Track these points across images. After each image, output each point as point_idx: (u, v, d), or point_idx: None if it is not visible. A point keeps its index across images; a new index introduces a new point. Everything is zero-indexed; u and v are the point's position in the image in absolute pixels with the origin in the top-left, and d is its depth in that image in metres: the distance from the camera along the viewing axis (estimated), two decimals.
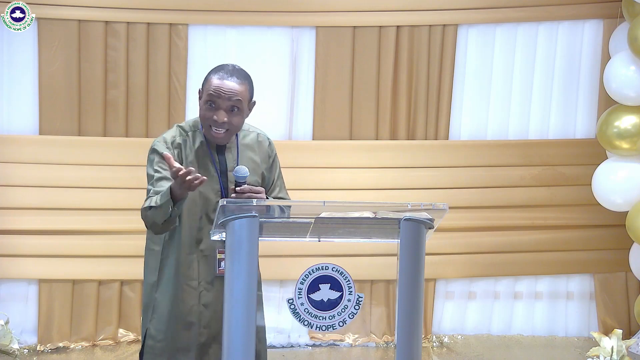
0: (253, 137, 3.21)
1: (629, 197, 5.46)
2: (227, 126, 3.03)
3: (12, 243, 5.40)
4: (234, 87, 3.01)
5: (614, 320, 5.84)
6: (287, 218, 2.76)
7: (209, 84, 3.03)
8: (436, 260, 5.63)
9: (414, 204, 2.68)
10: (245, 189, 2.98)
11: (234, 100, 3.01)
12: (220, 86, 3.00)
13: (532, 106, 5.86)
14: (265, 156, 3.21)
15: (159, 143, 3.11)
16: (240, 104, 3.02)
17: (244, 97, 3.03)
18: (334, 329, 2.66)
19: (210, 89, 3.02)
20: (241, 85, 3.02)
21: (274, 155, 3.24)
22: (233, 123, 3.03)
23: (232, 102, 3.01)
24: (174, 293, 3.12)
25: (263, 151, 3.21)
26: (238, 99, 3.01)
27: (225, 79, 3.01)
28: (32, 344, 5.44)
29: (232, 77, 3.02)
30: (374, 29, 5.68)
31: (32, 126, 5.50)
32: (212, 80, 3.03)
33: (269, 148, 3.23)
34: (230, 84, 3.01)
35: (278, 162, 3.27)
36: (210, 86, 3.02)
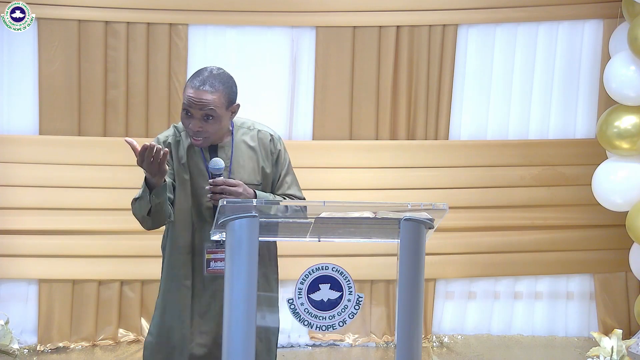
0: (253, 135, 3.20)
1: (629, 197, 5.46)
2: (203, 134, 3.03)
3: (12, 243, 5.40)
4: (205, 96, 3.00)
5: (614, 320, 5.84)
6: (287, 218, 2.76)
7: (185, 93, 3.04)
8: (436, 260, 5.63)
9: (414, 204, 2.68)
10: (219, 181, 2.98)
11: (206, 109, 3.00)
12: (192, 96, 3.01)
13: (532, 106, 5.86)
14: (267, 152, 3.19)
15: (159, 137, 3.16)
16: (214, 112, 3.01)
17: (218, 104, 3.01)
18: (334, 329, 2.65)
19: (184, 98, 3.04)
20: (213, 94, 3.01)
21: (279, 152, 3.21)
22: (209, 130, 3.03)
23: (205, 112, 3.01)
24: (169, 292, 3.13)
25: (264, 148, 3.19)
26: (210, 108, 3.00)
27: (197, 88, 3.01)
28: (32, 344, 5.44)
29: (205, 85, 3.01)
30: (374, 29, 5.68)
31: (32, 126, 5.50)
32: (187, 89, 3.04)
33: (272, 144, 3.21)
34: (202, 93, 3.00)
35: (286, 159, 3.24)
36: (185, 95, 3.04)
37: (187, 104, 3.01)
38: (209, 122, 3.02)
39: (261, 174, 3.16)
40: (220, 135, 3.11)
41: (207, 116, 3.01)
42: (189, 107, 3.01)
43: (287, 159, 3.25)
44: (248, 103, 5.66)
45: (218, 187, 2.97)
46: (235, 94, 3.11)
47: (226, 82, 3.07)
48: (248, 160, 3.15)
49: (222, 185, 2.97)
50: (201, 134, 3.02)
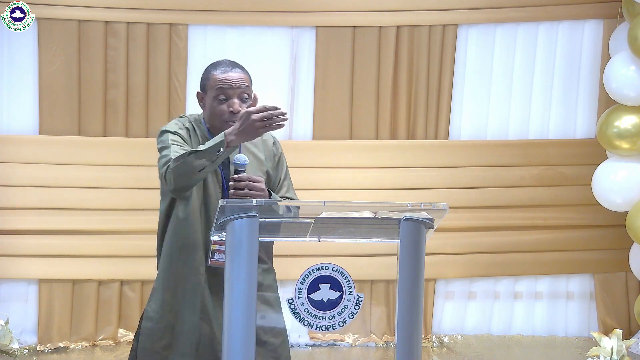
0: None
1: (629, 197, 5.46)
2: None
3: (12, 243, 5.41)
4: (240, 75, 3.04)
5: (614, 320, 5.84)
6: (287, 218, 2.76)
7: (214, 80, 3.04)
8: (436, 260, 5.63)
9: (414, 204, 2.68)
10: (244, 177, 2.97)
11: (244, 87, 3.04)
12: (228, 78, 3.03)
13: (532, 106, 5.87)
14: (270, 154, 3.20)
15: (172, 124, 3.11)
16: (249, 91, 3.06)
17: (250, 84, 3.07)
18: (334, 329, 2.65)
19: (217, 84, 3.03)
20: (245, 74, 3.07)
21: (280, 154, 3.22)
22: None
23: (243, 90, 3.04)
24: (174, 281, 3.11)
25: (268, 149, 3.20)
26: (247, 86, 3.05)
27: (229, 71, 3.04)
28: (32, 344, 5.44)
29: (235, 68, 3.06)
30: (374, 29, 5.68)
31: (32, 126, 5.50)
32: (215, 75, 3.05)
33: (274, 147, 3.22)
34: (235, 74, 3.04)
35: (285, 162, 3.25)
36: (217, 81, 3.03)
37: (224, 87, 3.02)
38: (245, 102, 3.04)
39: (265, 174, 3.16)
40: None
41: (243, 95, 3.04)
42: (228, 88, 3.02)
43: (286, 163, 3.26)
44: None
45: (242, 183, 2.96)
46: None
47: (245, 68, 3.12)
48: (255, 159, 3.14)
49: (247, 181, 2.96)
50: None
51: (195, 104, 5.78)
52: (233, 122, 2.96)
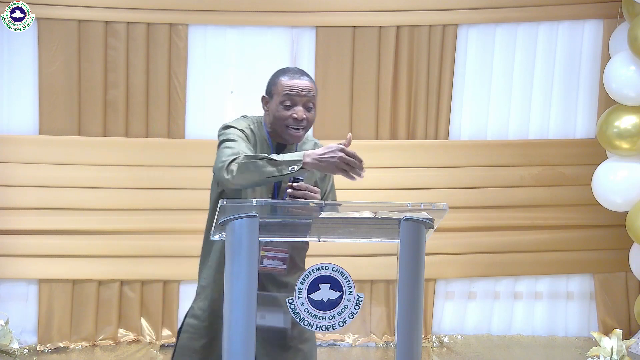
0: (310, 146, 3.20)
1: (629, 197, 5.46)
2: (304, 123, 3.04)
3: (12, 243, 5.41)
4: (307, 84, 3.05)
5: (614, 320, 5.84)
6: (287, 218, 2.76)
7: (281, 86, 3.04)
8: (436, 260, 5.63)
9: (414, 204, 2.68)
10: (302, 186, 2.96)
11: (310, 96, 3.05)
12: (296, 85, 3.04)
13: (532, 106, 5.87)
14: None
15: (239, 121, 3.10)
16: (314, 100, 3.07)
17: (316, 94, 3.09)
18: (334, 329, 2.65)
19: (284, 89, 3.04)
20: (312, 83, 3.08)
21: None
22: (309, 120, 3.06)
23: (308, 99, 3.05)
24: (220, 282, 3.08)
25: None
26: (313, 95, 3.06)
27: (296, 78, 3.05)
28: (32, 344, 5.44)
29: (303, 76, 3.07)
30: (374, 29, 5.68)
31: (32, 126, 5.51)
32: (283, 81, 3.05)
33: None
34: (303, 82, 3.05)
35: (332, 176, 3.24)
36: (284, 87, 3.04)
37: (291, 93, 3.02)
38: (309, 111, 3.06)
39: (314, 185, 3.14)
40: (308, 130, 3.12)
41: (309, 104, 3.05)
42: (295, 95, 3.02)
43: (332, 177, 3.25)
44: (248, 103, 5.70)
45: (299, 192, 2.95)
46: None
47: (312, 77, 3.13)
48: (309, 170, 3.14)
49: (305, 190, 2.96)
50: (302, 123, 3.03)
51: (194, 104, 5.83)
52: (295, 129, 3.02)
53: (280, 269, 2.89)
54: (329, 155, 2.79)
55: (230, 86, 5.69)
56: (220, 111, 5.68)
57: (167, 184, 5.54)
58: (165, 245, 5.53)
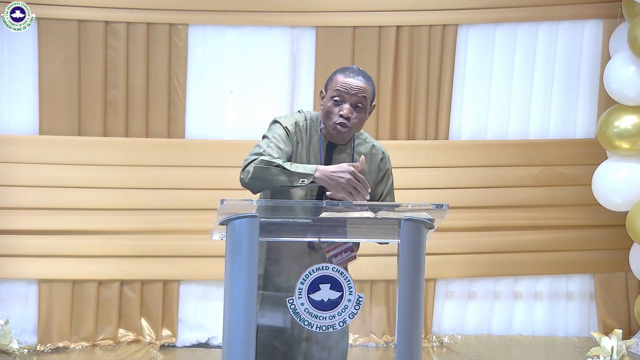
0: (367, 147, 3.21)
1: (629, 197, 5.46)
2: (351, 122, 3.07)
3: (12, 243, 5.41)
4: (360, 84, 3.08)
5: (614, 320, 5.84)
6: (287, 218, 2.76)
7: (335, 82, 3.10)
8: (436, 260, 5.63)
9: (414, 204, 2.68)
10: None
11: (359, 96, 3.07)
12: (348, 82, 3.08)
13: (532, 106, 5.87)
14: (375, 168, 3.20)
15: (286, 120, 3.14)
16: (365, 102, 3.09)
17: (369, 95, 3.10)
18: (334, 329, 2.65)
19: (336, 85, 3.09)
20: (366, 84, 3.10)
21: (386, 170, 3.23)
22: (356, 119, 3.08)
23: (358, 98, 3.07)
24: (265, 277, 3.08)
25: (374, 163, 3.20)
26: (363, 95, 3.08)
27: (351, 77, 3.09)
28: (32, 344, 5.44)
29: (359, 76, 3.10)
30: (374, 29, 5.68)
31: (32, 126, 5.50)
32: (338, 78, 3.11)
33: (382, 162, 3.22)
34: (357, 81, 3.08)
35: (391, 179, 3.25)
36: (337, 83, 3.09)
37: (342, 91, 3.07)
38: (357, 110, 3.08)
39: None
40: (354, 132, 3.14)
41: (358, 104, 3.08)
42: (345, 93, 3.07)
43: (391, 180, 3.27)
44: (248, 103, 5.71)
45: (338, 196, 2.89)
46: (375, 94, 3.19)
47: (372, 79, 3.17)
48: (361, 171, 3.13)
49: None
50: (350, 121, 3.06)
51: (194, 104, 5.83)
52: (340, 126, 3.05)
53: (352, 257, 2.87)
54: (338, 174, 2.85)
55: (230, 86, 5.68)
56: (220, 111, 5.68)
57: (167, 184, 5.54)
58: (165, 245, 5.53)
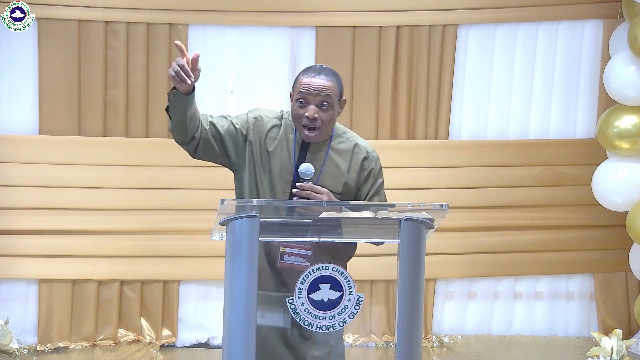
0: (349, 146, 3.18)
1: (629, 197, 5.46)
2: (319, 123, 3.06)
3: (12, 243, 5.41)
4: (322, 83, 3.07)
5: (614, 320, 5.84)
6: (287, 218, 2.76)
7: (299, 84, 3.10)
8: (436, 260, 5.63)
9: (414, 204, 2.68)
10: (306, 186, 2.97)
11: (323, 95, 3.06)
12: (310, 83, 3.07)
13: (532, 106, 5.87)
14: (357, 167, 3.16)
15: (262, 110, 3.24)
16: (330, 99, 3.07)
17: (333, 92, 3.08)
18: (334, 329, 2.65)
19: (300, 87, 3.09)
20: (329, 82, 3.08)
21: (371, 171, 3.18)
22: (324, 119, 3.07)
23: (322, 98, 3.06)
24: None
25: (355, 162, 3.17)
26: (327, 94, 3.06)
27: (313, 77, 3.08)
28: (32, 344, 5.44)
29: (320, 74, 3.09)
30: (374, 29, 5.68)
31: (32, 126, 5.50)
32: (300, 79, 3.10)
33: (366, 162, 3.18)
34: (319, 80, 3.07)
35: (378, 180, 3.21)
36: (300, 85, 3.09)
37: (304, 92, 3.06)
38: (324, 110, 3.07)
39: (343, 187, 3.13)
40: (327, 131, 3.12)
41: (323, 103, 3.06)
42: (307, 94, 3.06)
43: (380, 181, 3.22)
44: (248, 103, 5.70)
45: (304, 192, 2.96)
46: (343, 88, 3.18)
47: (337, 75, 3.15)
48: (335, 169, 3.12)
49: (309, 190, 2.96)
50: (316, 123, 3.05)
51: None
52: (308, 129, 3.05)
53: (302, 266, 2.88)
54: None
55: (230, 86, 5.68)
56: (220, 111, 5.65)
57: (167, 184, 5.54)
58: (165, 245, 5.53)
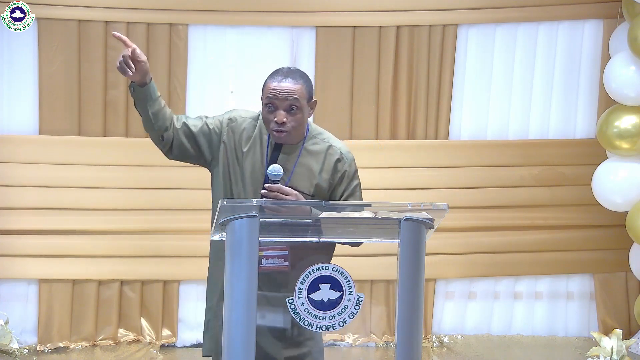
0: (322, 147, 3.17)
1: (629, 197, 5.46)
2: (288, 126, 3.04)
3: (12, 243, 5.41)
4: (288, 86, 3.05)
5: (614, 320, 5.84)
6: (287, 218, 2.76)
7: (267, 88, 3.08)
8: (436, 260, 5.63)
9: (414, 204, 2.68)
10: (273, 187, 2.96)
11: (290, 99, 3.04)
12: (277, 88, 3.05)
13: (532, 106, 5.86)
14: (330, 168, 3.14)
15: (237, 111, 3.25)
16: (298, 102, 3.05)
17: (301, 95, 3.06)
18: (334, 329, 2.65)
19: (267, 92, 3.07)
20: (296, 85, 3.06)
21: (345, 172, 3.16)
22: (293, 122, 3.06)
23: (290, 102, 3.04)
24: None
25: (329, 163, 3.14)
26: (295, 97, 3.04)
27: (279, 81, 3.06)
28: (32, 344, 5.44)
29: (287, 78, 3.07)
30: (374, 29, 5.68)
31: (32, 126, 5.50)
32: (268, 83, 3.09)
33: (340, 163, 3.15)
34: (285, 84, 3.05)
35: (353, 182, 3.18)
36: (268, 89, 3.07)
37: (271, 97, 3.05)
38: (292, 113, 3.05)
39: (315, 188, 3.12)
40: (299, 133, 3.11)
41: (292, 107, 3.05)
42: (274, 99, 3.04)
43: (355, 183, 3.20)
44: (248, 103, 5.69)
45: (272, 193, 2.96)
46: (313, 90, 3.16)
47: (305, 76, 3.13)
48: (307, 170, 3.12)
49: (276, 192, 2.96)
50: (285, 126, 3.04)
51: (194, 104, 5.83)
52: (277, 132, 3.04)
53: (282, 267, 2.89)
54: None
55: (230, 86, 5.68)
56: (220, 111, 5.65)
57: (167, 184, 5.54)
58: (165, 245, 5.53)
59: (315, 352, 3.12)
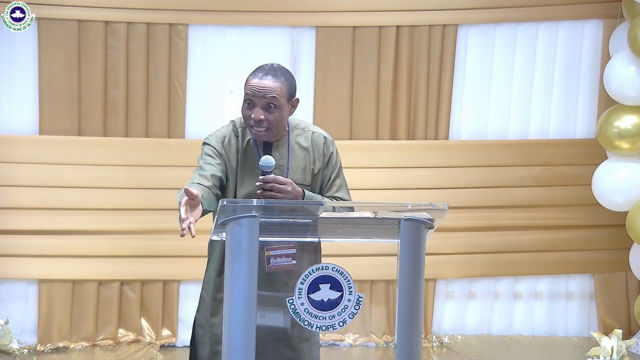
0: (307, 136, 3.21)
1: (629, 197, 5.46)
2: (266, 124, 3.05)
3: (12, 243, 5.41)
4: (268, 84, 3.05)
5: (614, 320, 5.84)
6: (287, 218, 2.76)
7: (247, 85, 3.08)
8: (436, 260, 5.63)
9: (414, 204, 2.68)
10: (269, 178, 2.97)
11: (268, 97, 3.04)
12: (256, 85, 3.05)
13: (532, 106, 5.87)
14: (320, 155, 3.20)
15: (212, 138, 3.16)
16: (276, 101, 3.05)
17: (280, 93, 3.05)
18: (334, 329, 2.65)
19: (247, 89, 3.08)
20: (276, 82, 3.06)
21: (330, 154, 3.22)
22: (271, 120, 3.05)
23: (268, 100, 3.04)
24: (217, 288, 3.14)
25: (317, 150, 3.20)
26: (273, 95, 3.04)
27: (259, 78, 3.06)
28: (32, 344, 5.44)
29: (267, 75, 3.07)
30: (374, 29, 5.68)
31: (32, 126, 5.50)
32: (248, 80, 3.09)
33: (325, 146, 3.21)
34: (265, 82, 3.05)
35: (337, 161, 3.25)
36: (247, 86, 3.08)
37: (250, 94, 3.05)
38: (270, 111, 3.05)
39: (311, 175, 3.16)
40: (279, 130, 3.12)
41: (270, 105, 3.04)
42: (252, 96, 3.05)
43: (339, 162, 3.26)
44: None
45: (267, 185, 2.97)
46: (296, 88, 3.16)
47: (287, 74, 3.13)
48: (301, 161, 3.15)
49: (272, 182, 2.97)
50: (263, 124, 3.04)
51: (194, 104, 5.84)
52: (256, 129, 3.04)
53: (291, 265, 2.89)
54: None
55: (230, 86, 5.68)
56: (220, 111, 5.67)
57: (167, 184, 5.52)
58: (165, 245, 5.53)
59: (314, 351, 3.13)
